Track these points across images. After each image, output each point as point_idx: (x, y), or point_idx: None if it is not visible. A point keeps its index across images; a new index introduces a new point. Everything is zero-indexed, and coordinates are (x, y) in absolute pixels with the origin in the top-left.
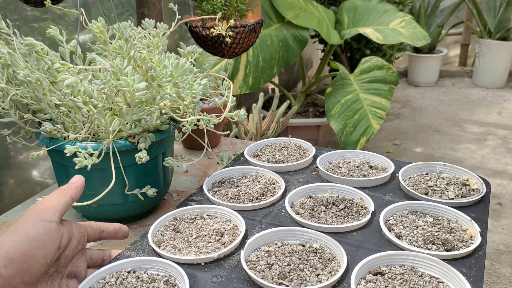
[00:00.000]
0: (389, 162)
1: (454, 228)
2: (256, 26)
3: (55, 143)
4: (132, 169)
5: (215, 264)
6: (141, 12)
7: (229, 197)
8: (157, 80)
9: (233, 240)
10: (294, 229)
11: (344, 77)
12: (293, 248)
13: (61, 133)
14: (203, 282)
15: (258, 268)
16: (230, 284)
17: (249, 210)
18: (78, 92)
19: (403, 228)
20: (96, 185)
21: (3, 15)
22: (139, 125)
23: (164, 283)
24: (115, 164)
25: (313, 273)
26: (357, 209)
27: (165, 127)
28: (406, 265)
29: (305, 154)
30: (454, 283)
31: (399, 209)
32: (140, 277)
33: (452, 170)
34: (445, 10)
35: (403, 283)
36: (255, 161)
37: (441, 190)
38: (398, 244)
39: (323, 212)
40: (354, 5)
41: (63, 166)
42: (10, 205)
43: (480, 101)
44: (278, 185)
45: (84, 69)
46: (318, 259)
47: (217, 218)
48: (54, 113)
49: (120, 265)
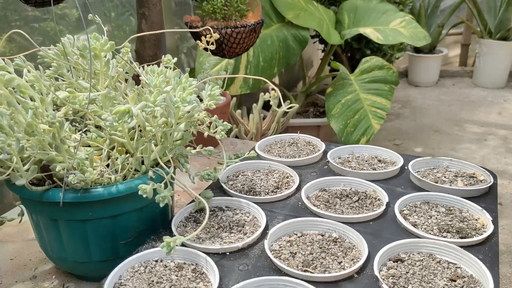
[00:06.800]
0: (398, 156)
1: (466, 218)
2: (257, 26)
3: (88, 193)
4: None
5: (240, 253)
6: (142, 12)
7: (245, 190)
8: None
9: (255, 231)
10: (313, 220)
11: (344, 77)
12: (313, 238)
13: (85, 181)
14: (230, 270)
15: (282, 257)
16: (257, 272)
17: (266, 203)
18: (122, 125)
19: (418, 218)
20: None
21: (3, 15)
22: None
23: (192, 271)
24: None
25: (335, 261)
26: (371, 201)
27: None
28: (424, 252)
29: (315, 149)
30: (471, 267)
31: (412, 200)
32: (168, 266)
33: (459, 165)
34: (446, 10)
35: (422, 269)
36: (267, 155)
37: (449, 181)
38: (415, 233)
39: (338, 204)
40: (355, 5)
41: (82, 222)
42: (10, 205)
43: (481, 101)
44: (292, 179)
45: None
46: (339, 247)
47: (236, 210)
48: (72, 159)
49: (148, 254)
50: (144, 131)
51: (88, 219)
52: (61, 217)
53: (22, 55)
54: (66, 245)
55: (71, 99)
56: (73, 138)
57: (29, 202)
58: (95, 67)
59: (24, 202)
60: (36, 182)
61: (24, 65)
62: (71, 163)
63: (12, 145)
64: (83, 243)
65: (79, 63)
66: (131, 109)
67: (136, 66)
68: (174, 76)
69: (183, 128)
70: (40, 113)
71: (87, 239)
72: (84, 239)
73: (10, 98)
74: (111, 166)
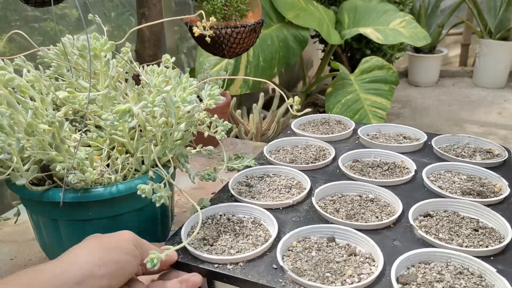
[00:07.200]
0: (422, 133)
1: (485, 184)
2: (257, 26)
3: (88, 193)
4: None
5: (291, 208)
6: (142, 12)
7: (287, 161)
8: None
9: (301, 192)
10: (351, 183)
11: (344, 77)
12: (352, 198)
13: (85, 181)
14: (284, 221)
15: (328, 211)
16: (308, 223)
17: (308, 170)
18: (122, 124)
19: (443, 183)
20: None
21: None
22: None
23: (251, 223)
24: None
25: (374, 216)
26: (400, 170)
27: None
28: (450, 210)
29: (345, 127)
30: (491, 222)
31: (436, 169)
32: (230, 219)
33: (477, 142)
34: (446, 10)
35: (449, 222)
36: (303, 133)
37: (469, 155)
38: (441, 194)
39: (371, 172)
40: (355, 5)
41: (81, 222)
42: (10, 205)
43: (481, 101)
44: (328, 151)
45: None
46: (375, 205)
47: (282, 176)
48: (72, 159)
49: (214, 209)
50: (145, 131)
51: (88, 219)
52: (61, 217)
53: (22, 55)
54: (66, 245)
55: (71, 99)
56: (73, 138)
57: (29, 202)
58: (95, 67)
59: (24, 202)
60: (36, 182)
61: (24, 65)
62: (71, 163)
63: (12, 145)
64: None
65: (79, 63)
66: (132, 108)
67: (136, 66)
68: (174, 76)
69: (183, 128)
70: (40, 113)
71: None
72: (84, 239)
73: (10, 98)
74: (111, 166)
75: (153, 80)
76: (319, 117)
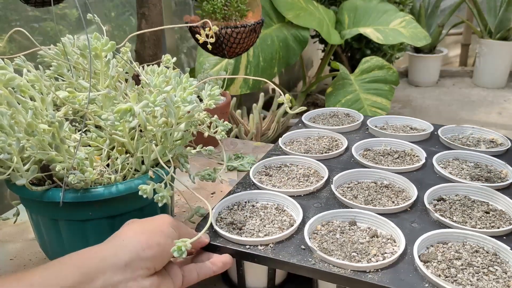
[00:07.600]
0: (428, 124)
1: (492, 170)
2: (257, 26)
3: (88, 193)
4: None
5: (312, 195)
6: (142, 12)
7: (302, 151)
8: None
9: (320, 180)
10: (366, 170)
11: (344, 77)
12: (368, 185)
13: (85, 181)
14: (307, 207)
15: (347, 197)
16: (329, 208)
17: (323, 160)
18: (123, 124)
19: (452, 169)
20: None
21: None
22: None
23: (275, 209)
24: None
25: (390, 201)
26: (410, 157)
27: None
28: (461, 194)
29: (354, 120)
30: (501, 204)
31: (444, 156)
32: (255, 206)
33: (480, 132)
34: (446, 10)
35: (461, 206)
36: (314, 125)
37: (474, 145)
38: (452, 179)
39: (382, 160)
40: (355, 5)
41: (82, 222)
42: (10, 205)
43: (481, 101)
44: (341, 142)
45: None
46: (391, 191)
47: (299, 165)
48: (72, 159)
49: (239, 196)
50: (145, 131)
51: (88, 219)
52: (61, 217)
53: (22, 55)
54: (66, 245)
55: (71, 99)
56: (73, 138)
57: (29, 202)
58: (95, 67)
59: (24, 202)
60: (36, 182)
61: (24, 65)
62: (71, 163)
63: (13, 145)
64: (83, 243)
65: (79, 62)
66: (133, 107)
67: (136, 66)
68: (174, 76)
69: (183, 128)
70: (40, 113)
71: (87, 239)
72: (84, 239)
73: (10, 98)
74: (111, 166)
75: (153, 80)
76: (328, 111)
